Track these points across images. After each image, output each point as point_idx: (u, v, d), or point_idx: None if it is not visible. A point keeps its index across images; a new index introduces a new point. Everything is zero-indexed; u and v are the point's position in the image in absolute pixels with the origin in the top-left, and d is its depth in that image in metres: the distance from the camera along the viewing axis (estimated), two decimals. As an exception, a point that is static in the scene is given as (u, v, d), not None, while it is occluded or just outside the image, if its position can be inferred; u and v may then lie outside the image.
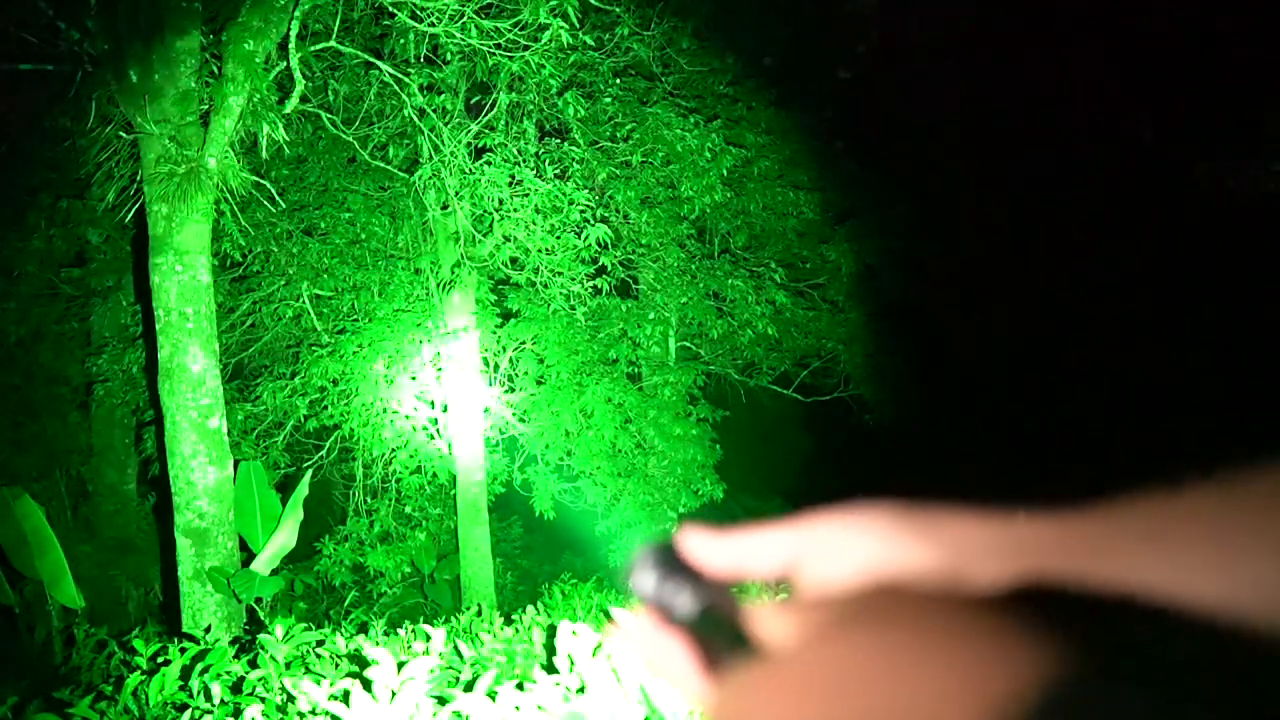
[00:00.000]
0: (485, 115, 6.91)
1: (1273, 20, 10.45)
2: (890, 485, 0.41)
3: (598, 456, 8.46)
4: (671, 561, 0.40)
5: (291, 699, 2.86)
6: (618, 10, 7.45)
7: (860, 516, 0.39)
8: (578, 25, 5.97)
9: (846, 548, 0.38)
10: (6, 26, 5.94)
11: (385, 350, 7.96)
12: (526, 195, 6.74)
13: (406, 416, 8.22)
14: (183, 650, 3.58)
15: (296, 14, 5.75)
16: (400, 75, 6.46)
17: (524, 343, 8.64)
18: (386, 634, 3.79)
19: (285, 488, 7.27)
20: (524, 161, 6.83)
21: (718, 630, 0.38)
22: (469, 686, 2.93)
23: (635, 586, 0.40)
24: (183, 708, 3.07)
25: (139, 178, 5.81)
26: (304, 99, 6.19)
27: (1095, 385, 11.09)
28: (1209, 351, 10.34)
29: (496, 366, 8.68)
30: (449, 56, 6.92)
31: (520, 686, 2.62)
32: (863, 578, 0.37)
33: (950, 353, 11.72)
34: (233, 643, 3.81)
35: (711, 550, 0.40)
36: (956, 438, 11.01)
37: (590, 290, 7.51)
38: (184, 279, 5.65)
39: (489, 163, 6.74)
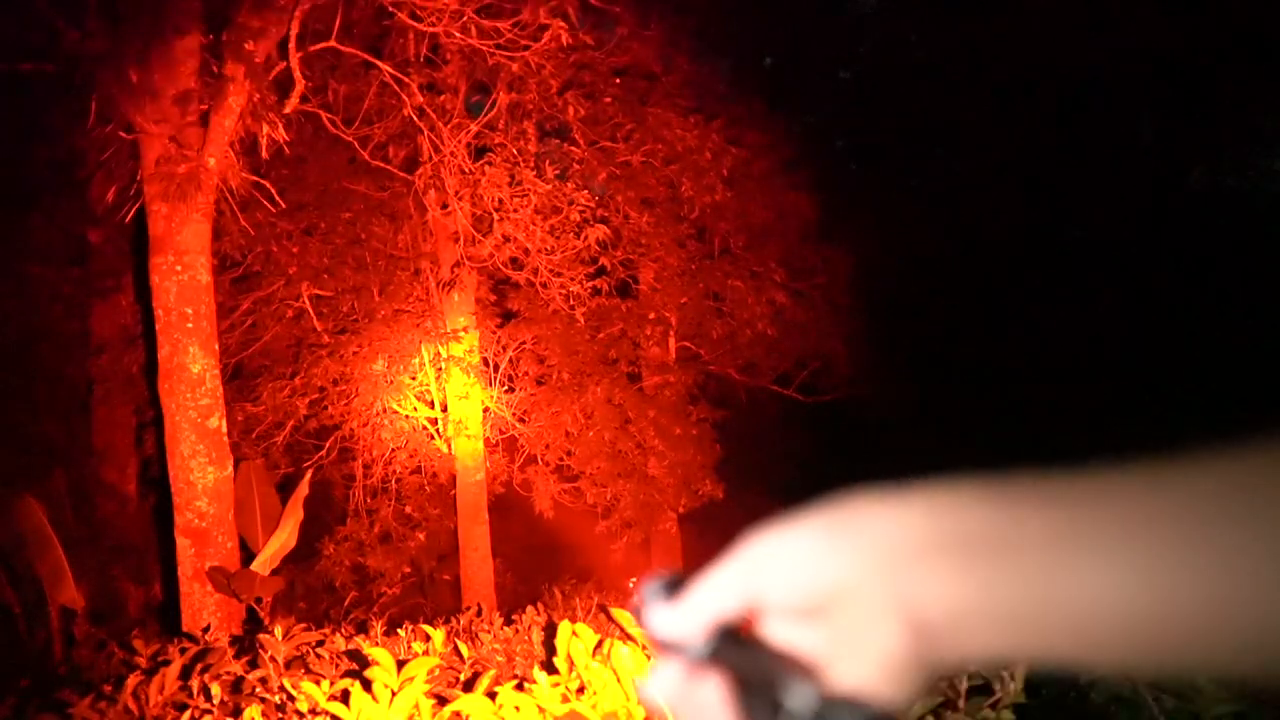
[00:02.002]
0: (485, 115, 6.91)
1: (1273, 20, 10.44)
2: (887, 485, 0.40)
3: (598, 456, 8.46)
4: (680, 597, 0.39)
5: (291, 699, 2.86)
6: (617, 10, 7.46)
7: (792, 534, 0.38)
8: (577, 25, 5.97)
9: (787, 571, 0.37)
10: (7, 26, 5.94)
11: (385, 350, 7.96)
12: (526, 195, 6.74)
13: (406, 416, 8.22)
14: (183, 650, 3.58)
15: (296, 14, 5.75)
16: (400, 75, 6.46)
17: (524, 343, 8.64)
18: (386, 634, 3.79)
19: (285, 488, 7.26)
20: (524, 161, 6.83)
21: (738, 664, 0.37)
22: (469, 686, 2.93)
23: (649, 627, 0.39)
24: (183, 707, 3.07)
25: (139, 178, 5.81)
26: (304, 99, 6.18)
27: (1096, 383, 11.08)
28: (1209, 350, 10.33)
29: (496, 366, 8.68)
30: (449, 56, 6.92)
31: (520, 686, 2.62)
32: (808, 597, 0.37)
33: (950, 351, 11.72)
34: (232, 643, 3.81)
35: (673, 618, 0.39)
36: (957, 436, 11.00)
37: (590, 290, 7.51)
38: (184, 279, 5.65)
39: (489, 163, 6.74)
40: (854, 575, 0.36)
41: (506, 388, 8.68)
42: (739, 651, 0.37)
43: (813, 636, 0.37)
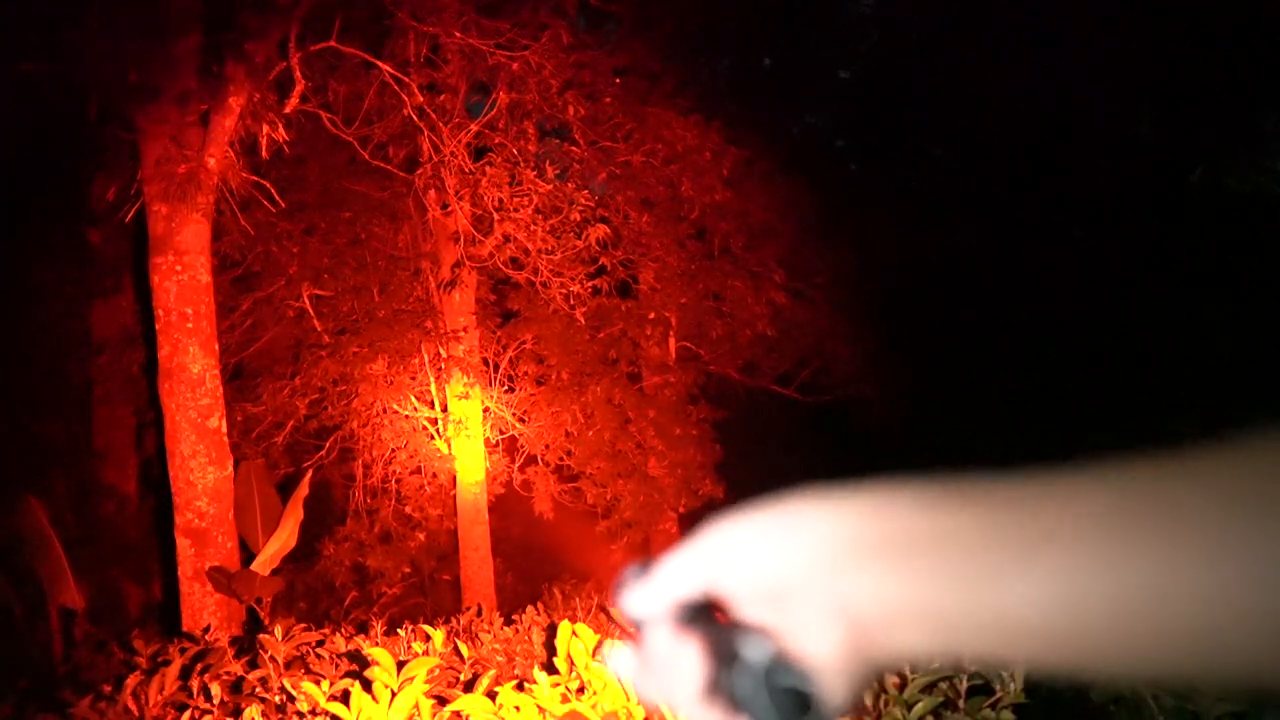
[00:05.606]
0: (485, 115, 6.91)
1: (1272, 20, 10.45)
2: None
3: (598, 456, 8.46)
4: (657, 583, 0.42)
5: (291, 699, 2.86)
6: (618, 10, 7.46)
7: (742, 528, 0.40)
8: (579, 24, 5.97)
9: (736, 562, 0.40)
10: (7, 26, 5.94)
11: (385, 350, 7.96)
12: (527, 195, 6.74)
13: (406, 416, 8.22)
14: (183, 650, 3.58)
15: (296, 14, 5.75)
16: (400, 75, 6.46)
17: (524, 343, 8.64)
18: (386, 634, 3.79)
19: (285, 488, 7.27)
20: (524, 161, 6.83)
21: (698, 634, 0.40)
22: (469, 686, 2.93)
23: (621, 607, 0.43)
24: (183, 708, 3.07)
25: (139, 178, 5.81)
26: (304, 99, 6.18)
27: (1097, 383, 11.08)
28: (1209, 351, 10.33)
29: (497, 366, 8.68)
30: (449, 56, 6.92)
31: (520, 686, 2.62)
32: (755, 587, 0.39)
33: (950, 351, 11.72)
34: (232, 643, 3.81)
35: (641, 598, 0.42)
36: (956, 436, 11.01)
37: (590, 290, 7.50)
38: (184, 279, 5.65)
39: (489, 163, 6.74)
40: (794, 571, 0.38)
41: (506, 388, 8.68)
42: (699, 625, 0.40)
43: (768, 616, 0.40)
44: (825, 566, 0.37)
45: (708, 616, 0.41)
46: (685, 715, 0.40)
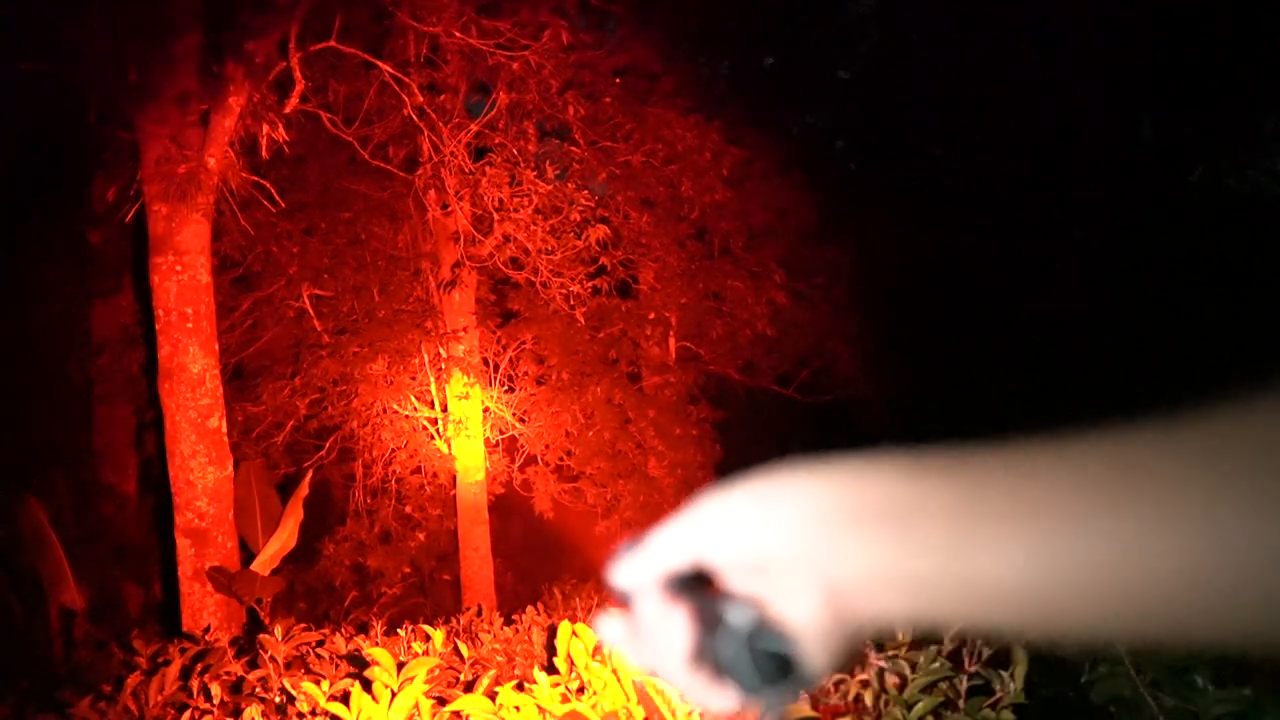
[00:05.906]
0: (485, 115, 6.91)
1: (1273, 20, 10.44)
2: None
3: (598, 456, 8.46)
4: (647, 556, 0.44)
5: (291, 699, 2.86)
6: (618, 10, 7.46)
7: (728, 501, 0.41)
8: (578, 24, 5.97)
9: (722, 534, 0.41)
10: (7, 26, 5.94)
11: (385, 350, 7.96)
12: (527, 195, 6.74)
13: (406, 416, 8.22)
14: (183, 650, 3.58)
15: (296, 14, 5.74)
16: (400, 75, 6.46)
17: (524, 343, 8.65)
18: (386, 634, 3.79)
19: (285, 488, 7.27)
20: (524, 161, 6.82)
21: (687, 603, 0.41)
22: (469, 686, 2.93)
23: (615, 579, 0.44)
24: (183, 708, 3.07)
25: (139, 178, 5.81)
26: (304, 99, 6.18)
27: (1097, 382, 11.08)
28: (1210, 351, 10.33)
29: (497, 366, 8.68)
30: (449, 56, 6.92)
31: (520, 686, 2.62)
32: (740, 558, 0.40)
33: (950, 351, 11.72)
34: (232, 643, 3.81)
35: (633, 570, 0.43)
36: (957, 436, 10.99)
37: (590, 290, 7.50)
38: (184, 279, 5.65)
39: (489, 163, 6.74)
40: (777, 542, 0.39)
41: (506, 388, 8.68)
42: (687, 594, 0.42)
43: (754, 585, 0.41)
44: (807, 536, 0.38)
45: (695, 586, 0.42)
46: (674, 680, 0.41)
